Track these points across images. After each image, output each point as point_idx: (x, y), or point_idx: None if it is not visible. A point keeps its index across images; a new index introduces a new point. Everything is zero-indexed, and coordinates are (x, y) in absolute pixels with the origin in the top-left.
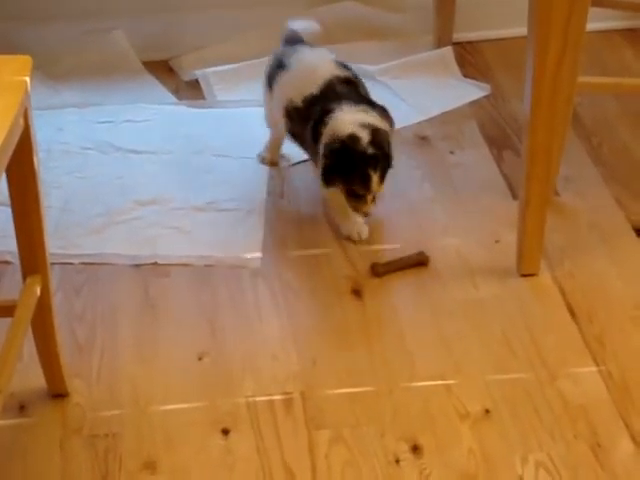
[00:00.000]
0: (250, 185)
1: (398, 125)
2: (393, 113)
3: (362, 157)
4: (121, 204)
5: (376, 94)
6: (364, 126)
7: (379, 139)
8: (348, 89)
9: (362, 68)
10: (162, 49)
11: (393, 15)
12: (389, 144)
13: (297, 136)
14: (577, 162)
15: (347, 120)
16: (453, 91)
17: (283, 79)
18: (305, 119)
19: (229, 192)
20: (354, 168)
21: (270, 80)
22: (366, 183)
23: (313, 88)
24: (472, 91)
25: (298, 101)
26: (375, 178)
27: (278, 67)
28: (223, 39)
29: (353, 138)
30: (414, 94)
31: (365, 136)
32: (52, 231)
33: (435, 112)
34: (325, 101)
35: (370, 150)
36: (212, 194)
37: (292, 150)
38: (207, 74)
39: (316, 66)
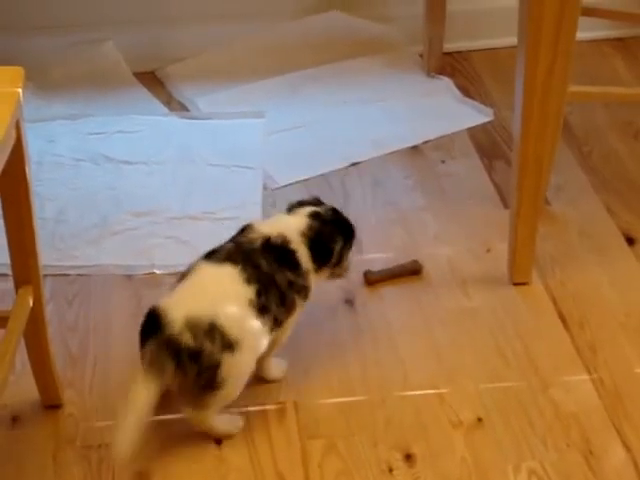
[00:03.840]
0: (245, 194)
1: (395, 146)
2: (390, 135)
3: None
4: (116, 215)
5: (374, 117)
6: None
7: None
8: None
9: (357, 98)
10: (153, 60)
11: (380, 25)
12: None
13: None
14: (568, 171)
15: None
16: (454, 115)
17: None
18: None
19: (224, 201)
20: None
21: None
22: None
23: None
24: (474, 116)
25: None
26: None
27: None
28: (210, 50)
29: None
30: (413, 117)
31: None
32: (47, 243)
33: (434, 136)
34: None
35: None
36: (207, 203)
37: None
38: (194, 100)
39: None
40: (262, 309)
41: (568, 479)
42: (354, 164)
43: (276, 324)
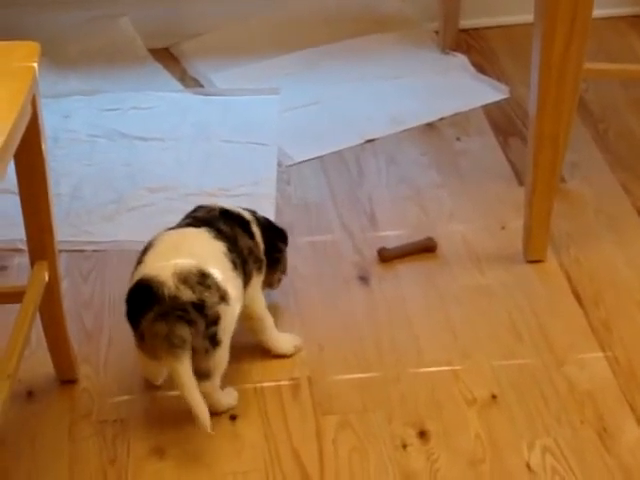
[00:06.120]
0: (259, 171)
1: (410, 123)
2: (405, 112)
3: None
4: (132, 191)
5: (389, 94)
6: None
7: None
8: None
9: (372, 74)
10: (168, 36)
11: (395, 2)
12: None
13: None
14: (583, 148)
15: None
16: (469, 92)
17: None
18: None
19: (239, 178)
20: None
21: None
22: None
23: None
24: (489, 93)
25: None
26: None
27: None
28: (225, 26)
29: None
30: (428, 94)
31: None
32: (63, 219)
33: (449, 113)
34: None
35: None
36: (222, 180)
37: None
38: (209, 77)
39: None
40: (234, 263)
41: (582, 456)
42: (369, 141)
43: (245, 282)
